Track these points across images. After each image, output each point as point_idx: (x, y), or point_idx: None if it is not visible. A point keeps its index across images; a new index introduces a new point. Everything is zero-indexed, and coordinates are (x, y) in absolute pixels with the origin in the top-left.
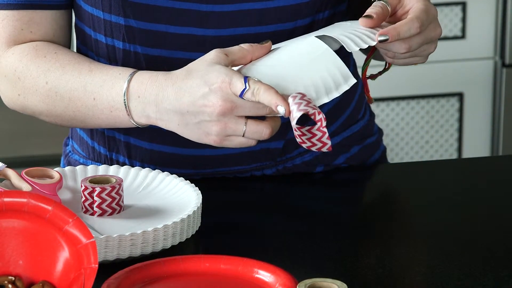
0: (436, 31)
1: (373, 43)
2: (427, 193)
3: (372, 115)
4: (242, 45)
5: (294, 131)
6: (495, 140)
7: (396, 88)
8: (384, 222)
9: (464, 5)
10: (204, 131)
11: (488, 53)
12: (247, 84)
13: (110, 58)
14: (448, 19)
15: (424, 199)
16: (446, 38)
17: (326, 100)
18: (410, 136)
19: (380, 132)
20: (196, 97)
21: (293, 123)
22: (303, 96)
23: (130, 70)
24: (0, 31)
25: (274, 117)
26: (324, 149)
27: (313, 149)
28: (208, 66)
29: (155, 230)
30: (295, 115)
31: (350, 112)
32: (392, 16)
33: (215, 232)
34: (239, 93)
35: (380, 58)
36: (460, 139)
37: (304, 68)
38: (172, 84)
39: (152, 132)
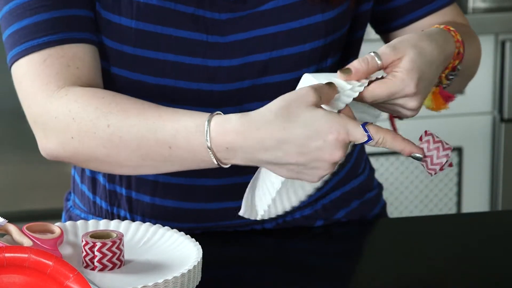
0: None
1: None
2: (426, 248)
3: (372, 170)
4: (324, 84)
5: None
6: (494, 194)
7: None
8: (384, 277)
9: None
10: (313, 174)
11: (487, 108)
12: (369, 134)
13: None
14: None
15: (424, 254)
16: None
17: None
18: (409, 190)
19: (380, 186)
20: (307, 150)
21: (433, 168)
22: (433, 137)
23: (204, 119)
24: (45, 70)
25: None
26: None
27: (437, 168)
28: (310, 111)
29: (156, 285)
30: (437, 161)
31: (350, 167)
32: (388, 68)
33: (215, 286)
34: (360, 142)
35: None
36: (459, 194)
37: None
38: (270, 135)
39: (154, 186)
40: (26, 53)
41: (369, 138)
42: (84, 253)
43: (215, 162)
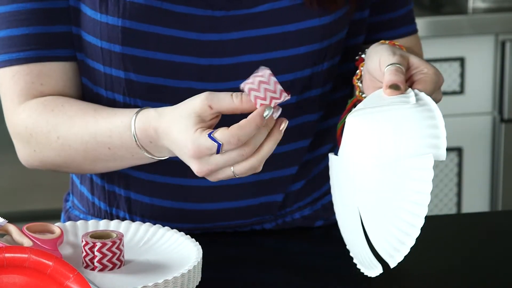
0: (437, 98)
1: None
2: (426, 247)
3: None
4: (233, 96)
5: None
6: (494, 195)
7: None
8: (384, 277)
9: (462, 61)
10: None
11: (487, 108)
12: (216, 142)
13: None
14: (447, 74)
15: (424, 254)
16: (444, 93)
17: None
18: None
19: None
20: (181, 156)
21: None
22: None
23: (130, 117)
24: (12, 87)
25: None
26: (283, 97)
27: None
28: (178, 133)
29: (156, 285)
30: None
31: None
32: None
33: (215, 286)
34: (215, 152)
35: None
36: (459, 194)
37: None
38: (158, 138)
39: (153, 187)
40: (2, 65)
41: (218, 144)
42: (84, 253)
43: (149, 156)
